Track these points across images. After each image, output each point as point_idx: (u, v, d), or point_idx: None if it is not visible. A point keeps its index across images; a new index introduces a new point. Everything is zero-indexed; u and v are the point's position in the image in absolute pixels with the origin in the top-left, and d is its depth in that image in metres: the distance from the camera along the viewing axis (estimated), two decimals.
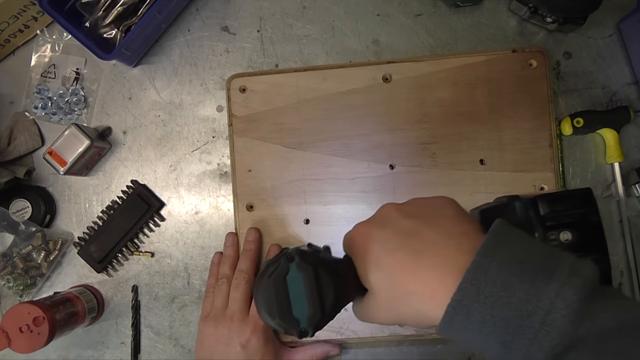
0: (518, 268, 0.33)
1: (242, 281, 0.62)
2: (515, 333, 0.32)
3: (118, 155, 0.71)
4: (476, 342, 0.35)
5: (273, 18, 0.70)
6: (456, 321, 0.34)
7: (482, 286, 0.33)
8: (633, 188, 0.64)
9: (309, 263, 0.41)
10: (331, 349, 0.64)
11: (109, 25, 0.67)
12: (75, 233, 0.70)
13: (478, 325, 0.33)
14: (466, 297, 0.33)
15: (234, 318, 0.59)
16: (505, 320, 0.32)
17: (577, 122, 0.64)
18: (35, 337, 0.60)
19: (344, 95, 0.67)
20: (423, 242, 0.37)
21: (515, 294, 0.32)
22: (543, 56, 0.65)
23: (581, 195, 0.42)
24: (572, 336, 0.31)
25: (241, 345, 0.58)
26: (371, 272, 0.39)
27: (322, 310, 0.40)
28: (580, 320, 0.31)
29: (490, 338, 0.33)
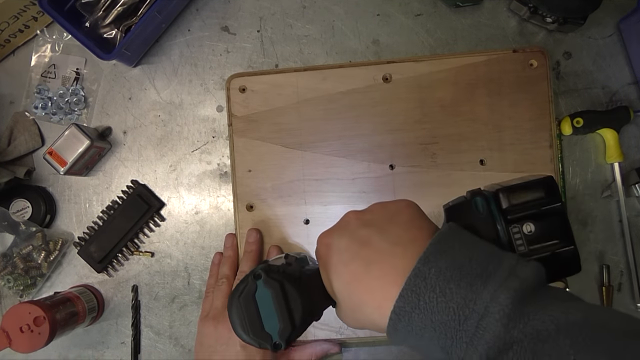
0: (457, 273, 0.34)
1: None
2: (453, 337, 0.33)
3: (118, 155, 0.71)
4: (421, 348, 0.36)
5: (273, 18, 0.70)
6: (400, 327, 0.35)
7: (422, 293, 0.34)
8: (633, 188, 0.64)
9: (275, 280, 0.42)
10: (331, 348, 0.64)
11: (109, 25, 0.67)
12: (76, 233, 0.70)
13: (420, 330, 0.34)
14: (407, 304, 0.34)
15: None
16: (444, 324, 0.33)
17: (577, 122, 0.64)
18: (35, 337, 0.60)
19: (344, 95, 0.67)
20: (373, 251, 0.38)
21: (454, 299, 0.33)
22: (544, 56, 0.65)
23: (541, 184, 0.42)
24: (506, 339, 0.31)
25: (241, 345, 0.58)
26: (333, 282, 0.40)
27: (292, 324, 0.42)
28: (513, 322, 0.31)
29: (431, 343, 0.34)
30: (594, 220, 0.66)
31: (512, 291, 0.32)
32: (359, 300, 0.38)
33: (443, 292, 0.33)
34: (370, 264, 0.38)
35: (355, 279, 0.38)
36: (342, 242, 0.40)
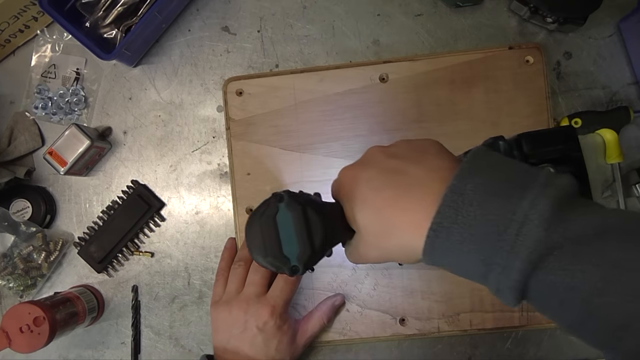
0: (494, 187, 0.34)
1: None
2: (494, 247, 0.33)
3: (118, 155, 0.71)
4: (460, 265, 0.36)
5: (273, 18, 0.70)
6: (438, 244, 0.35)
7: (460, 207, 0.34)
8: (633, 188, 0.64)
9: (298, 203, 0.42)
10: (335, 300, 0.64)
11: (109, 25, 0.67)
12: (76, 233, 0.70)
13: (459, 245, 0.34)
14: (445, 220, 0.34)
15: (250, 301, 0.59)
16: (483, 236, 0.33)
17: (575, 123, 0.64)
18: (35, 337, 0.60)
19: (341, 96, 0.67)
20: (407, 178, 0.38)
21: (492, 212, 0.33)
22: (540, 52, 0.65)
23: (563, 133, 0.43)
24: (547, 243, 0.32)
25: (258, 328, 0.57)
26: (358, 212, 0.40)
27: (311, 248, 0.41)
28: (554, 227, 0.32)
29: (471, 257, 0.34)
30: None
31: (551, 198, 0.32)
32: (391, 224, 0.38)
33: (481, 205, 0.33)
34: (404, 189, 0.38)
35: (388, 204, 0.38)
36: (370, 172, 0.40)
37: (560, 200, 0.32)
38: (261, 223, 0.42)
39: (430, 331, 0.64)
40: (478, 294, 0.64)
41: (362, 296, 0.65)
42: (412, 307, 0.65)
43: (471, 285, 0.64)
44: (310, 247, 0.41)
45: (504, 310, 0.64)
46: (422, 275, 0.65)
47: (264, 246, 0.42)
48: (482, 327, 0.64)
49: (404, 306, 0.65)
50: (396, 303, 0.65)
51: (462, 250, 0.34)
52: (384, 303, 0.65)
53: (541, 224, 0.32)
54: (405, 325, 0.64)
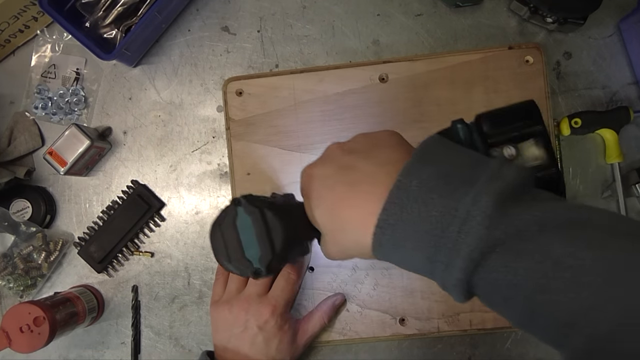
0: (440, 183, 0.34)
1: None
2: (437, 245, 0.33)
3: (118, 155, 0.71)
4: (406, 262, 0.36)
5: (273, 18, 0.70)
6: (384, 241, 0.35)
7: (404, 204, 0.34)
8: (633, 188, 0.64)
9: (255, 206, 0.42)
10: (336, 300, 0.64)
11: (109, 25, 0.67)
12: (76, 233, 0.70)
13: (403, 242, 0.34)
14: (390, 217, 0.34)
15: (251, 300, 0.59)
16: (427, 234, 0.33)
17: (575, 123, 0.64)
18: (35, 337, 0.60)
19: (340, 96, 0.67)
20: (358, 174, 0.38)
21: (436, 208, 0.33)
22: (539, 52, 0.65)
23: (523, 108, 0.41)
24: (488, 240, 0.31)
25: (258, 327, 0.57)
26: (315, 209, 0.40)
27: (272, 250, 0.41)
28: (495, 224, 0.31)
29: (416, 254, 0.34)
30: None
31: (494, 194, 0.31)
32: (342, 221, 0.38)
33: (425, 202, 0.33)
34: (355, 185, 0.37)
35: (339, 201, 0.38)
36: (325, 170, 0.40)
37: (504, 195, 0.32)
38: (222, 229, 0.42)
39: (430, 331, 0.64)
40: None
41: (362, 296, 0.65)
42: (412, 307, 0.65)
43: None
44: (270, 249, 0.41)
45: None
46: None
47: (226, 251, 0.42)
48: (482, 327, 0.64)
49: (404, 306, 0.65)
50: (396, 303, 0.65)
51: (407, 247, 0.34)
52: (384, 303, 0.65)
53: (483, 221, 0.31)
54: (405, 325, 0.64)
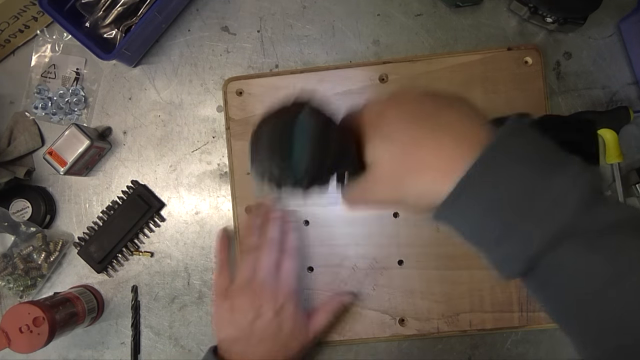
0: (535, 157, 0.34)
1: (274, 248, 0.60)
2: (521, 215, 0.33)
3: (118, 155, 0.71)
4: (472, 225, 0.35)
5: (273, 18, 0.70)
6: (463, 197, 0.34)
7: (499, 164, 0.33)
8: (633, 188, 0.64)
9: (319, 114, 0.39)
10: (342, 298, 0.64)
11: (109, 25, 0.67)
12: (76, 233, 0.70)
13: (485, 203, 0.34)
14: (480, 172, 0.33)
15: (265, 285, 0.58)
16: (514, 201, 0.33)
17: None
18: (35, 337, 0.60)
19: (340, 96, 0.67)
20: (442, 120, 0.37)
21: (532, 177, 0.33)
22: (538, 53, 0.65)
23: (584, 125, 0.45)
24: (572, 227, 0.32)
25: (274, 312, 0.57)
26: (380, 147, 0.39)
27: (321, 163, 0.38)
28: (582, 212, 0.32)
29: (492, 219, 0.34)
30: None
31: (588, 183, 0.33)
32: (418, 161, 0.36)
33: (521, 171, 0.33)
34: (437, 131, 0.36)
35: (417, 143, 0.36)
36: (401, 109, 0.39)
37: (593, 187, 0.33)
38: (277, 124, 0.38)
39: (429, 331, 0.64)
40: (478, 294, 0.64)
41: (362, 296, 0.65)
42: (412, 308, 0.65)
43: (471, 285, 0.64)
44: (320, 161, 0.38)
45: (503, 311, 0.64)
46: (422, 275, 0.65)
47: (271, 148, 0.38)
48: (481, 327, 0.64)
49: (404, 306, 0.65)
50: (395, 303, 0.65)
51: (486, 210, 0.34)
52: (384, 303, 0.65)
53: (573, 206, 0.32)
54: (405, 325, 0.64)
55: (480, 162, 0.33)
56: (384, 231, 0.65)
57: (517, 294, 0.64)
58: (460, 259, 0.64)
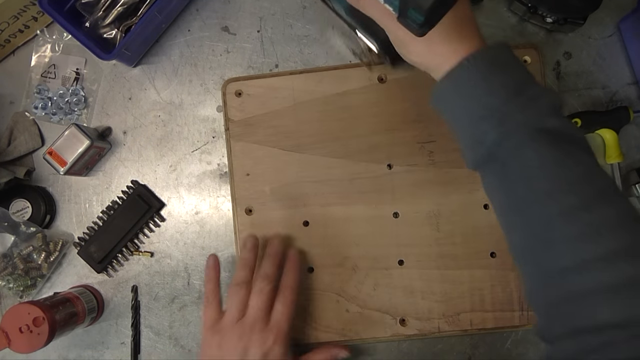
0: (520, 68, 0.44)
1: (267, 286, 0.58)
2: (508, 99, 0.41)
3: (118, 155, 0.71)
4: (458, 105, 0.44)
5: (273, 18, 0.70)
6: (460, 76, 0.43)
7: (499, 56, 0.43)
8: (633, 188, 0.64)
9: None
10: (338, 352, 0.62)
11: (109, 25, 0.67)
12: (75, 233, 0.70)
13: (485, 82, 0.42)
14: (488, 57, 0.43)
15: (255, 327, 0.56)
16: (516, 85, 0.42)
17: (575, 123, 0.64)
18: (35, 338, 0.60)
19: (340, 96, 0.67)
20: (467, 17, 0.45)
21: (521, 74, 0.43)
22: (537, 52, 0.65)
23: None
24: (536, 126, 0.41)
25: (263, 355, 0.55)
26: None
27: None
28: (548, 115, 0.41)
29: (491, 94, 0.42)
30: None
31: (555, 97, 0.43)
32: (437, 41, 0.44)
33: (516, 65, 0.43)
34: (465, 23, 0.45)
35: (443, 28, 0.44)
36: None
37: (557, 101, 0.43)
38: None
39: (430, 331, 0.64)
40: (478, 293, 0.64)
41: (362, 296, 0.65)
42: (412, 307, 0.64)
43: (471, 284, 0.64)
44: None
45: (504, 310, 0.64)
46: (422, 275, 0.65)
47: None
48: (482, 326, 0.64)
49: (404, 306, 0.65)
50: (396, 303, 0.65)
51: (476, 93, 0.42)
52: (384, 303, 0.65)
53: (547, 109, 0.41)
54: (406, 325, 0.64)
55: (491, 48, 0.43)
56: (384, 231, 0.65)
57: (518, 293, 0.64)
58: (460, 258, 0.65)
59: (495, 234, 0.65)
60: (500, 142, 0.41)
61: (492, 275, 0.64)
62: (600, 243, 0.37)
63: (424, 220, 0.65)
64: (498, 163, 0.42)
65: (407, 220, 0.65)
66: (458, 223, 0.65)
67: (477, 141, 0.43)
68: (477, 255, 0.65)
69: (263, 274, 0.59)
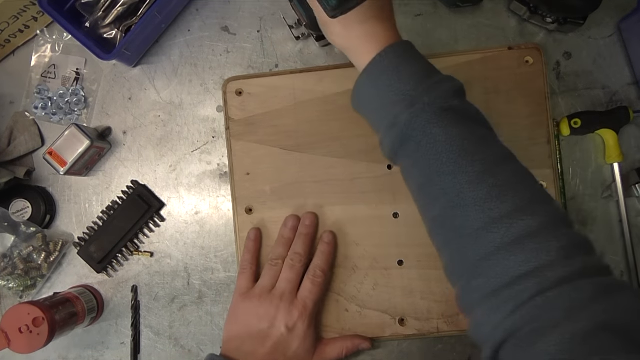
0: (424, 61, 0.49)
1: (297, 263, 0.61)
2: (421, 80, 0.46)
3: (118, 155, 0.71)
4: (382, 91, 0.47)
5: (273, 18, 0.70)
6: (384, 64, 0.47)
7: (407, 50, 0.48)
8: (633, 188, 0.64)
9: None
10: (361, 343, 0.63)
11: (109, 25, 0.67)
12: (75, 233, 0.70)
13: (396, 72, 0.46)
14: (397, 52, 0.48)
15: (283, 298, 0.59)
16: (415, 75, 0.47)
17: (575, 123, 0.64)
18: (35, 338, 0.60)
19: (340, 96, 0.67)
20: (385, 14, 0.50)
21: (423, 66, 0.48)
22: (539, 53, 0.65)
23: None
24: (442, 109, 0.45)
25: (286, 327, 0.58)
26: None
27: None
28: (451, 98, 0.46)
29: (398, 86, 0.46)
30: (594, 220, 0.66)
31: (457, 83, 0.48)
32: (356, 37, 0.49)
33: (418, 63, 0.48)
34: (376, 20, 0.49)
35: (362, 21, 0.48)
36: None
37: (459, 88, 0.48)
38: None
39: (429, 331, 0.64)
40: None
41: (362, 296, 0.65)
42: (412, 308, 0.64)
43: None
44: None
45: None
46: (422, 275, 0.65)
47: None
48: None
49: (404, 306, 0.65)
50: (395, 303, 0.65)
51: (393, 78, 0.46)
52: (384, 303, 0.65)
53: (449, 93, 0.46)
54: (405, 325, 0.64)
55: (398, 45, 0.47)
56: (384, 231, 0.65)
57: None
58: None
59: None
60: (410, 122, 0.45)
61: None
62: (505, 201, 0.41)
63: None
64: (411, 143, 0.46)
65: (407, 221, 0.65)
66: None
67: (391, 124, 0.46)
68: None
69: (293, 252, 0.62)
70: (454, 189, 0.43)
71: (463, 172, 0.43)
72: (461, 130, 0.45)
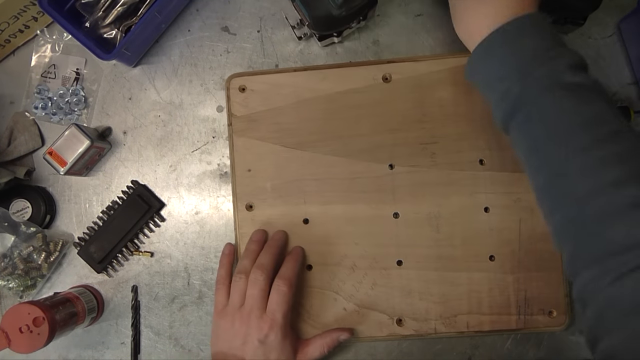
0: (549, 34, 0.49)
1: (260, 277, 0.60)
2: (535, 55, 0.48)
3: (118, 155, 0.71)
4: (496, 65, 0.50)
5: (273, 18, 0.70)
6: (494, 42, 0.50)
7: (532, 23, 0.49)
8: None
9: None
10: (340, 334, 0.63)
11: (109, 25, 0.67)
12: (76, 233, 0.70)
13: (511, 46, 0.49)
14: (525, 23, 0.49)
15: (252, 315, 0.59)
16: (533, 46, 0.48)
17: None
18: (35, 338, 0.60)
19: (343, 95, 0.67)
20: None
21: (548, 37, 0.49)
22: None
23: None
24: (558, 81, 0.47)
25: (259, 341, 0.58)
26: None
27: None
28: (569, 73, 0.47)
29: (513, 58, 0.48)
30: None
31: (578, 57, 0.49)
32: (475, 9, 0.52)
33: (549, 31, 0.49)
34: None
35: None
36: None
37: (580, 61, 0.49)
38: None
39: (427, 332, 0.64)
40: (476, 296, 0.64)
41: (360, 295, 0.65)
42: (410, 308, 0.65)
43: (469, 287, 0.64)
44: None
45: (501, 313, 0.64)
46: (421, 276, 0.65)
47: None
48: (479, 329, 0.64)
49: (402, 307, 0.65)
50: (394, 303, 0.65)
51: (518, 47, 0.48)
52: (382, 303, 0.65)
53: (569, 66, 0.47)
54: (402, 325, 0.64)
55: (531, 16, 0.49)
56: (383, 231, 0.65)
57: (515, 296, 0.64)
58: (459, 260, 0.65)
59: (494, 237, 0.65)
60: (520, 95, 0.47)
61: (490, 279, 0.64)
62: (610, 172, 0.42)
63: (424, 221, 0.65)
64: (521, 114, 0.48)
65: (407, 221, 0.65)
66: (458, 225, 0.65)
67: (503, 97, 0.49)
68: (476, 258, 0.65)
69: (258, 264, 0.61)
70: (560, 158, 0.45)
71: (570, 142, 0.45)
72: (572, 103, 0.46)
